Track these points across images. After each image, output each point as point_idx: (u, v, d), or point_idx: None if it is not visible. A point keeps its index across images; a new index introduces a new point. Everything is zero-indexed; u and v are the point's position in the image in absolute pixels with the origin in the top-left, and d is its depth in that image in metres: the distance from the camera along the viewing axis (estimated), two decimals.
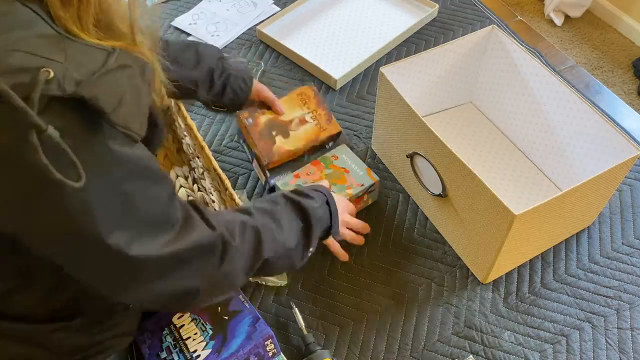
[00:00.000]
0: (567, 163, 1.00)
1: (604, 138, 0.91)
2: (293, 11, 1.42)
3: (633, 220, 1.01)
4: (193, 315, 0.85)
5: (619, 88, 2.44)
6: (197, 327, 0.84)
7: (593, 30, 2.70)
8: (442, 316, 0.90)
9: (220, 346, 0.80)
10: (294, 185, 0.98)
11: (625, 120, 1.16)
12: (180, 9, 1.46)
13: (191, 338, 0.83)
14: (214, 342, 0.81)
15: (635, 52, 2.57)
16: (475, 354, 0.86)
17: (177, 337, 0.83)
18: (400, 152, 1.01)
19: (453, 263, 0.96)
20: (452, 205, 0.91)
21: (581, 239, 0.99)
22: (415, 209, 1.03)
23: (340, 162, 1.02)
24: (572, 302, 0.91)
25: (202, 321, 0.84)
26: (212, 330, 0.83)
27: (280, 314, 0.90)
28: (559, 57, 1.31)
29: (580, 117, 0.94)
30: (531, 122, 1.05)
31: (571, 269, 0.95)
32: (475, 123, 1.15)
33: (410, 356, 0.86)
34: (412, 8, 1.42)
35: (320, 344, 0.86)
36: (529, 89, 1.02)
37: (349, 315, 0.90)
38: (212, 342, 0.81)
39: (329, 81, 1.24)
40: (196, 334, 0.83)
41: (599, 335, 0.88)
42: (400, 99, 0.93)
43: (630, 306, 0.91)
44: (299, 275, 0.94)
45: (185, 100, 1.03)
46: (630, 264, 0.95)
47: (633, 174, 1.08)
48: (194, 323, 0.85)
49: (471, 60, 1.09)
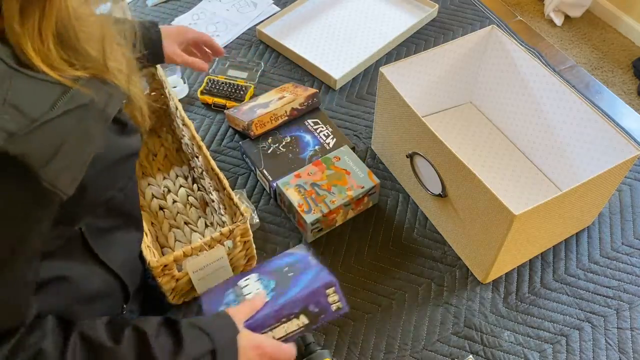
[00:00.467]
0: (567, 163, 1.00)
1: (604, 138, 0.91)
2: (293, 11, 1.42)
3: (633, 220, 1.01)
4: (259, 277, 0.80)
5: (619, 88, 2.44)
6: (260, 284, 0.79)
7: (593, 30, 2.70)
8: (441, 316, 0.90)
9: (278, 294, 0.75)
10: (294, 185, 0.99)
11: (625, 120, 1.17)
12: (180, 9, 1.46)
13: (252, 293, 0.78)
14: (274, 294, 0.75)
15: (635, 52, 2.57)
16: (475, 353, 0.86)
17: (239, 293, 0.79)
18: (400, 152, 1.01)
19: (453, 263, 0.96)
20: (452, 205, 0.91)
21: (581, 239, 0.99)
22: (415, 209, 1.03)
23: (341, 164, 1.02)
24: (571, 302, 0.91)
25: (267, 279, 0.80)
26: (275, 284, 0.77)
27: None
28: (559, 57, 1.31)
29: (580, 117, 0.94)
30: (531, 122, 1.05)
31: (571, 269, 0.95)
32: (475, 123, 1.15)
33: (410, 356, 0.86)
34: (412, 8, 1.42)
35: (320, 344, 0.86)
36: (529, 89, 1.02)
37: (349, 315, 0.90)
38: (272, 293, 0.76)
39: (329, 81, 1.24)
40: (258, 289, 0.78)
41: (599, 335, 0.88)
42: (400, 99, 0.93)
43: (630, 306, 0.91)
44: None
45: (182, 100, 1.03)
46: (630, 264, 0.95)
47: (633, 174, 1.08)
48: (259, 282, 0.80)
49: (471, 60, 1.09)
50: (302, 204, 0.96)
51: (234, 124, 1.14)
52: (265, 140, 1.09)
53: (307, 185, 0.99)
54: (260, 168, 1.04)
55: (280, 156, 1.06)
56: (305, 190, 0.98)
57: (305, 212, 0.95)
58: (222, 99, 1.20)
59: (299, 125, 1.11)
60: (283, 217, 1.02)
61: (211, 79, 1.24)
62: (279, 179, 1.01)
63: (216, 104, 1.20)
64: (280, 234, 0.99)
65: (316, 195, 0.97)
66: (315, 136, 1.09)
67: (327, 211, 0.95)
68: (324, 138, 1.09)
